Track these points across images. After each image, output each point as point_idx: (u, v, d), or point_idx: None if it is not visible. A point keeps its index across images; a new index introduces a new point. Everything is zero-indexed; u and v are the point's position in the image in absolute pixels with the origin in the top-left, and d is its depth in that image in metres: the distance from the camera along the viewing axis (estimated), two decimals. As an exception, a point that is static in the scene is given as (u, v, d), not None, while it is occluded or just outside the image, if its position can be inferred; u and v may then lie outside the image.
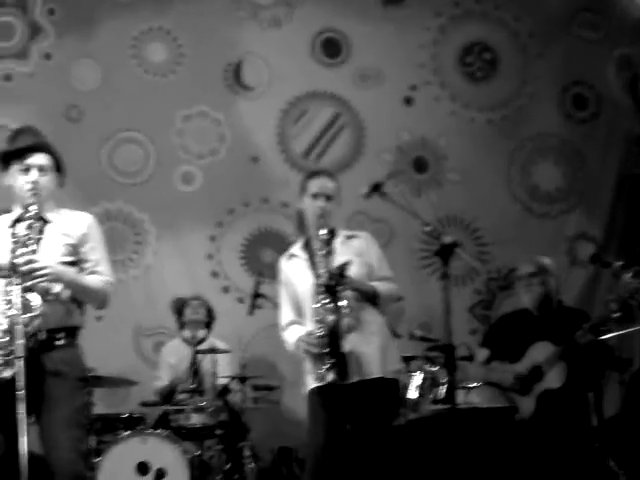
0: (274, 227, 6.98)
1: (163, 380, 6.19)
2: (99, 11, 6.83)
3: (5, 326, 3.42)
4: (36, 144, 3.70)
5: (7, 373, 3.41)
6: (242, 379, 5.95)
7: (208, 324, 6.36)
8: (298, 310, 4.11)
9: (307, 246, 4.14)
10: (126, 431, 5.39)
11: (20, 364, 3.21)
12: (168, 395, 6.04)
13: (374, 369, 3.91)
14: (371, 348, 3.92)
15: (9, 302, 3.42)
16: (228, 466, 5.59)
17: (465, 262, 4.51)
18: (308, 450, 4.00)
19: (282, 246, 6.86)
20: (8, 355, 3.38)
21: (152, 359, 6.63)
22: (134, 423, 5.57)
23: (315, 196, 4.07)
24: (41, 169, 3.67)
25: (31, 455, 3.29)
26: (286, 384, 6.56)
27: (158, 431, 5.45)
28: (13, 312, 3.38)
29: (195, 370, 6.14)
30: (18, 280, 3.42)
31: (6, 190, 3.78)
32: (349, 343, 3.87)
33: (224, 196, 6.95)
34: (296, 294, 4.09)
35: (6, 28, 6.78)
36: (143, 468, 5.26)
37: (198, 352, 6.07)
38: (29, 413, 3.36)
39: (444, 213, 7.04)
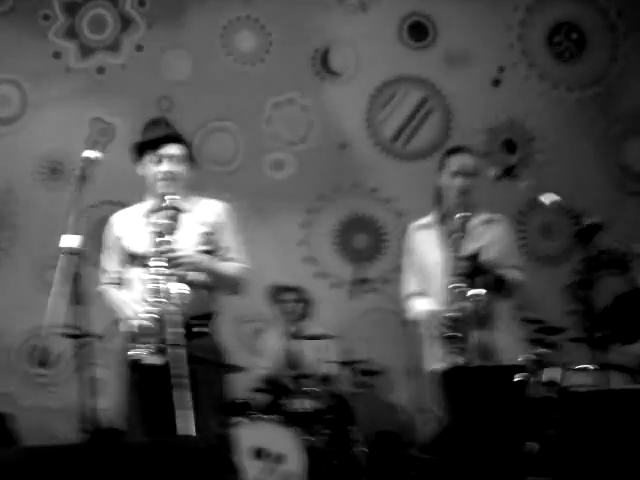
0: (365, 212, 6.99)
1: (267, 367, 6.24)
2: (188, 1, 6.89)
3: (149, 315, 3.47)
4: (168, 134, 3.76)
5: (152, 360, 3.48)
6: (346, 364, 5.97)
7: (304, 314, 6.39)
8: (423, 281, 4.07)
9: (442, 221, 4.08)
10: (237, 417, 5.38)
11: (177, 352, 3.26)
12: (272, 383, 6.09)
13: (503, 356, 3.89)
14: (500, 335, 3.90)
15: (154, 291, 3.48)
16: (337, 450, 5.59)
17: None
18: (437, 430, 4.00)
19: (373, 231, 6.97)
20: (160, 343, 3.45)
21: (251, 345, 6.68)
22: (245, 409, 5.57)
23: (456, 173, 4.01)
24: (173, 159, 3.71)
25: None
26: (383, 368, 6.59)
27: (274, 416, 5.46)
28: (160, 301, 3.43)
29: (295, 358, 6.19)
30: (163, 269, 3.47)
31: (140, 180, 3.83)
32: (481, 329, 3.85)
33: (314, 182, 6.96)
34: (423, 265, 4.05)
35: (98, 21, 6.88)
36: (260, 453, 5.31)
37: (300, 338, 6.11)
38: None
39: (534, 195, 6.97)
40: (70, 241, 3.17)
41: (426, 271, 4.03)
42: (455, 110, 7.04)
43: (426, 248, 4.04)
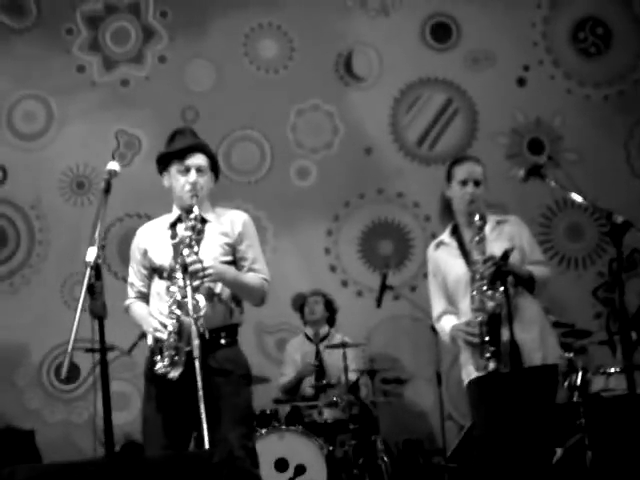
0: (390, 218, 6.94)
1: (288, 376, 6.21)
2: (210, 11, 6.90)
3: (173, 327, 3.47)
4: (195, 144, 3.74)
5: (175, 373, 3.48)
6: (371, 373, 5.94)
7: (330, 319, 6.35)
8: (449, 299, 4.03)
9: (455, 233, 4.05)
10: (259, 427, 5.40)
11: (197, 364, 3.26)
12: (292, 390, 6.07)
13: (535, 357, 3.83)
14: (531, 335, 3.83)
15: (177, 303, 3.48)
16: (361, 460, 5.56)
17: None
18: (476, 440, 3.95)
19: (399, 236, 6.93)
20: (176, 355, 3.45)
21: (275, 356, 6.67)
22: (268, 419, 5.59)
23: (464, 182, 3.96)
24: (199, 169, 3.70)
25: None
26: (408, 376, 6.54)
27: (294, 427, 5.46)
28: (184, 313, 3.43)
29: (320, 365, 6.14)
30: (187, 281, 3.45)
31: (166, 191, 3.82)
32: (509, 331, 3.78)
33: (339, 189, 6.93)
34: (447, 282, 4.01)
35: (121, 33, 6.91)
36: (282, 464, 5.30)
37: (326, 346, 6.08)
38: (196, 410, 3.41)
39: (562, 194, 6.89)
40: (93, 254, 3.15)
41: (449, 287, 3.99)
42: (480, 111, 6.99)
43: (446, 264, 4.01)
